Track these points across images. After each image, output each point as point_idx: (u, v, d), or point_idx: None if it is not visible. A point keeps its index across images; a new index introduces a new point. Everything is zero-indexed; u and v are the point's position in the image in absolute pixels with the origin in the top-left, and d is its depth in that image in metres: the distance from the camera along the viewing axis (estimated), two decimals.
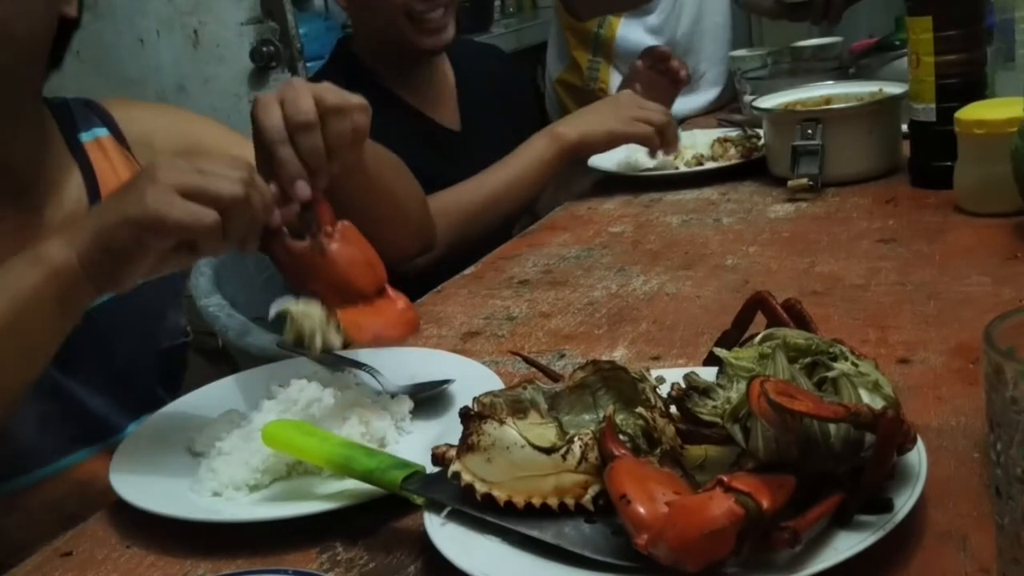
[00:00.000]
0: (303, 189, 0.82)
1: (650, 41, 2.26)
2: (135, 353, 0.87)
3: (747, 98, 1.82)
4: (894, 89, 1.43)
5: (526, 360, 0.88)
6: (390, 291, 0.88)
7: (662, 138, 1.56)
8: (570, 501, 0.64)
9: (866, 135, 1.39)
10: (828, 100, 1.49)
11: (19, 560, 0.77)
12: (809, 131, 1.38)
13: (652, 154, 1.58)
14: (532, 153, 1.53)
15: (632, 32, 2.28)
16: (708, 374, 0.69)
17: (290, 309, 0.84)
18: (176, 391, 1.07)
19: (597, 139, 1.55)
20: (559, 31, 2.40)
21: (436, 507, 0.66)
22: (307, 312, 0.84)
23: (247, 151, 0.88)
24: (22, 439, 0.91)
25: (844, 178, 1.39)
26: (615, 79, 2.29)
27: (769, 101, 1.53)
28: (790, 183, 1.37)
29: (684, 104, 2.09)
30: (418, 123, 1.64)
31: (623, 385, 0.71)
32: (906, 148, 1.37)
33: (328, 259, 0.84)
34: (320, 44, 3.27)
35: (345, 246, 0.85)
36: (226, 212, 0.74)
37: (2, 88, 0.89)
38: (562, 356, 0.98)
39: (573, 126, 1.56)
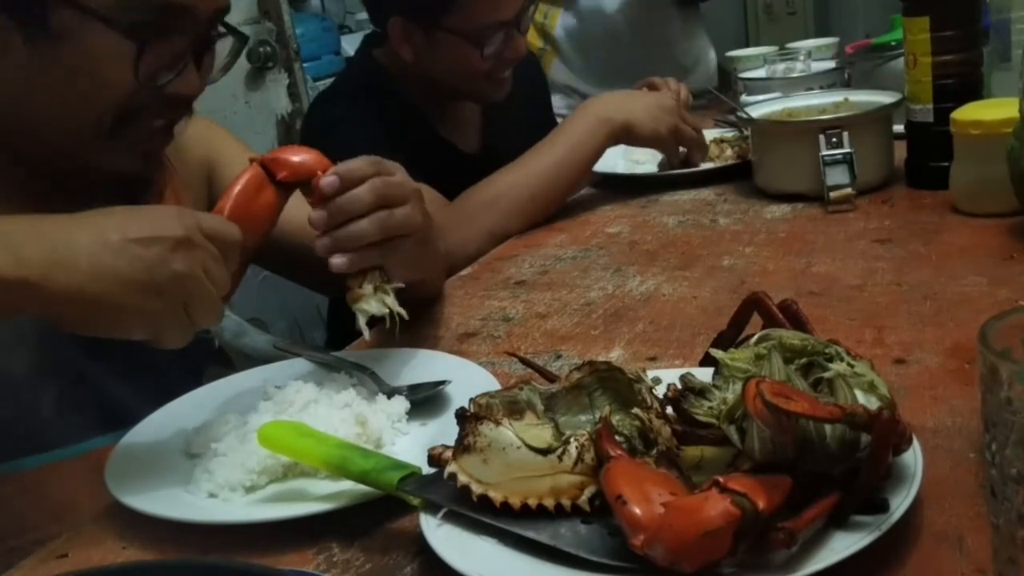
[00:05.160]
0: (338, 261, 0.86)
1: (582, 27, 2.31)
2: None
3: (744, 99, 1.82)
4: (870, 98, 1.43)
5: (522, 361, 0.88)
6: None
7: (690, 156, 1.57)
8: (566, 502, 0.64)
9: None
10: (791, 113, 1.48)
11: (31, 541, 0.77)
12: (834, 139, 1.32)
13: (674, 166, 1.59)
14: (577, 136, 1.46)
15: (567, 20, 2.32)
16: (704, 375, 0.69)
17: (360, 309, 0.89)
18: (199, 382, 1.07)
19: (643, 135, 1.50)
20: None
21: (432, 508, 0.66)
22: (365, 297, 0.89)
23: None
24: (42, 420, 0.92)
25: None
26: (557, 68, 2.33)
27: (758, 109, 1.52)
28: (833, 195, 1.29)
29: None
30: (437, 146, 1.59)
31: (619, 386, 0.71)
32: (902, 149, 1.37)
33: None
34: (317, 45, 3.27)
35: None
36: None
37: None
38: (558, 357, 0.98)
39: (619, 110, 1.49)
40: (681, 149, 1.59)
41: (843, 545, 0.57)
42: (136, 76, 0.85)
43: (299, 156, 0.88)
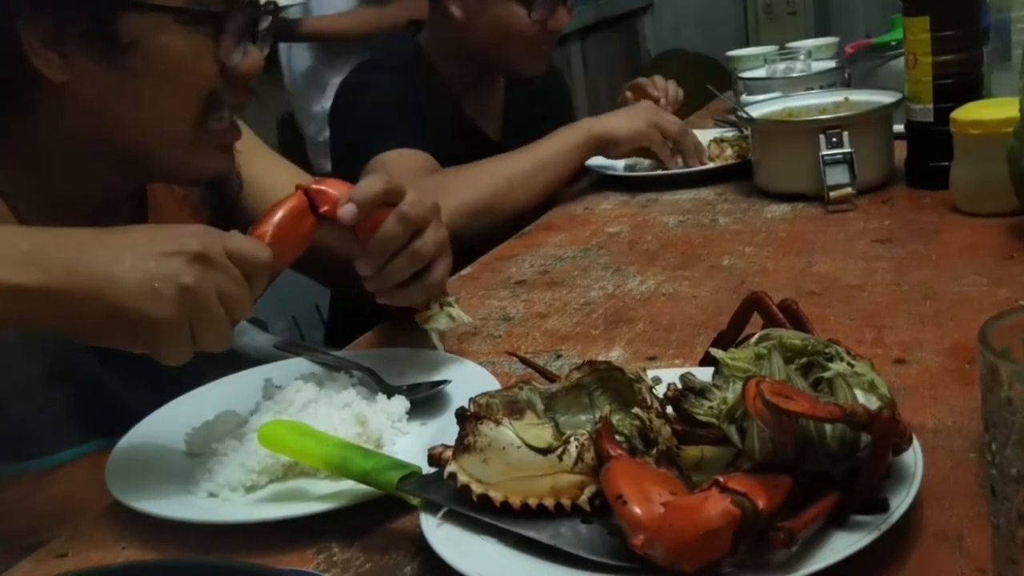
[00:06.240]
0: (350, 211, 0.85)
1: None
2: None
3: (744, 99, 1.82)
4: (870, 98, 1.43)
5: (522, 360, 0.88)
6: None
7: (678, 148, 1.60)
8: (566, 502, 0.64)
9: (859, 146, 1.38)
10: (791, 112, 1.48)
11: (38, 542, 0.77)
12: (834, 139, 1.32)
13: (668, 163, 1.61)
14: (559, 140, 1.54)
15: None
16: (704, 374, 0.69)
17: (432, 328, 0.94)
18: (201, 383, 1.07)
19: (621, 136, 1.57)
20: None
21: (432, 508, 0.66)
22: (433, 317, 0.93)
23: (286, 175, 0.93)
24: (49, 422, 0.92)
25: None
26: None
27: (758, 109, 1.52)
28: (833, 195, 1.30)
29: None
30: (465, 128, 1.71)
31: (619, 385, 0.71)
32: (902, 149, 1.37)
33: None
34: None
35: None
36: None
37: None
38: (559, 356, 0.98)
39: (599, 122, 1.59)
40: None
41: (843, 545, 0.57)
42: (217, 62, 0.87)
43: (346, 192, 0.87)
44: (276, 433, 0.76)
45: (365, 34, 2.61)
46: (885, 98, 1.40)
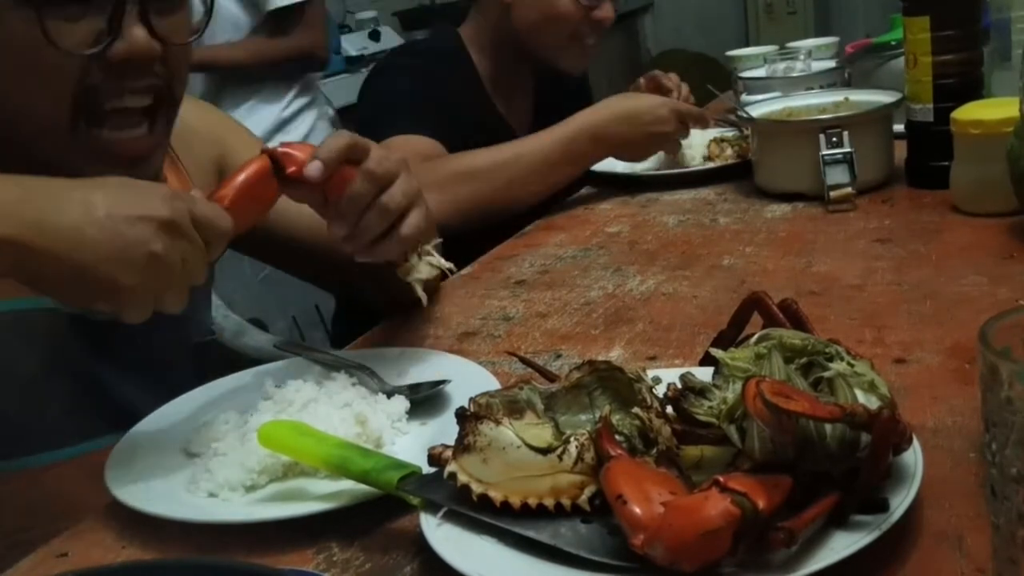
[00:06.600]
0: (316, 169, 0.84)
1: None
2: (169, 345, 0.88)
3: (744, 98, 1.82)
4: (870, 97, 1.43)
5: (522, 360, 0.88)
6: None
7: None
8: (566, 502, 0.64)
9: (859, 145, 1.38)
10: (791, 112, 1.48)
11: (38, 536, 0.77)
12: (834, 139, 1.32)
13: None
14: (574, 143, 1.47)
15: None
16: (704, 374, 0.69)
17: (414, 279, 0.94)
18: (203, 382, 1.07)
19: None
20: None
21: (432, 508, 0.66)
22: (414, 267, 0.94)
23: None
24: (50, 418, 0.92)
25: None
26: None
27: (758, 108, 1.52)
28: (833, 194, 1.30)
29: None
30: (493, 123, 1.70)
31: (619, 385, 0.71)
32: (902, 148, 1.37)
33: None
34: None
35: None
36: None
37: None
38: (559, 356, 0.98)
39: (614, 130, 1.49)
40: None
41: (843, 545, 0.57)
42: (51, 42, 0.81)
43: (311, 153, 0.86)
44: (276, 433, 0.76)
45: (256, 65, 2.57)
46: (885, 98, 1.40)
